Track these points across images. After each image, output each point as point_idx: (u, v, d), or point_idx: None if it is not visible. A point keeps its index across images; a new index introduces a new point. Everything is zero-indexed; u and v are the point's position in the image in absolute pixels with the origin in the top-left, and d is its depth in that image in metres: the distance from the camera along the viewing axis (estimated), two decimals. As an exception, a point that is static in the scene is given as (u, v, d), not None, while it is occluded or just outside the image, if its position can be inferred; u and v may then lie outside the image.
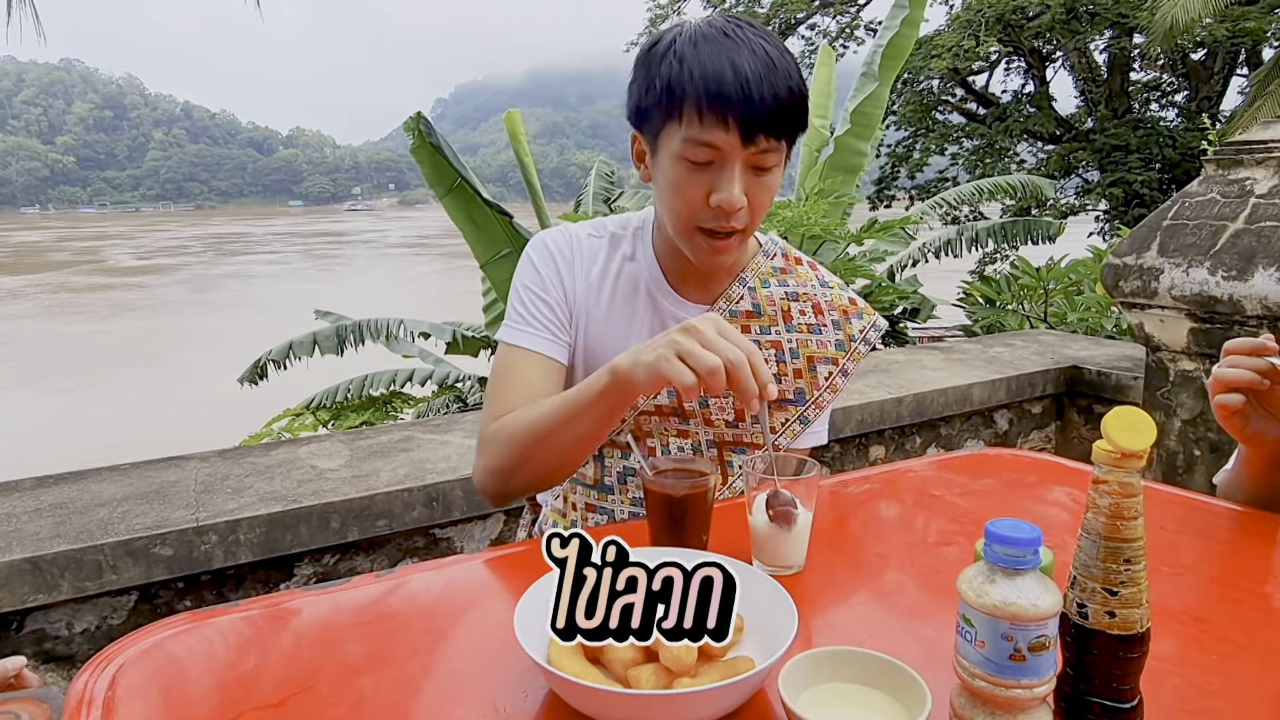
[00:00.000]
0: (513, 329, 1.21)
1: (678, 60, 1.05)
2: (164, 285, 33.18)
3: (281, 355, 4.58)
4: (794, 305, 1.26)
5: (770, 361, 1.24)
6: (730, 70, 1.02)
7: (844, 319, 1.27)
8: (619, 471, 1.28)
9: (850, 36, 17.39)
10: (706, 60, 1.03)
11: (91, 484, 1.88)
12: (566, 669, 0.69)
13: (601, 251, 1.26)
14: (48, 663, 1.62)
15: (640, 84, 1.11)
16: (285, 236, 70.83)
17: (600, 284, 1.25)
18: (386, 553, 1.94)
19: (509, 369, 1.19)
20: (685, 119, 1.04)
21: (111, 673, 0.75)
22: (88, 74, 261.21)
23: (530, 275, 1.24)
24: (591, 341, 1.24)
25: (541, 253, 1.25)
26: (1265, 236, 2.32)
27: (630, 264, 1.26)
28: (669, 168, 1.09)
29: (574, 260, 1.25)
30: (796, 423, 1.26)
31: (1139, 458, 0.66)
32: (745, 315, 1.25)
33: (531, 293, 1.22)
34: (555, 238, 1.27)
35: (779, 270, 1.28)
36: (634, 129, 1.16)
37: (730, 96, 1.01)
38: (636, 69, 1.12)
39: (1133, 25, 13.25)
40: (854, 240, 4.48)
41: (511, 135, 5.45)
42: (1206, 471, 2.53)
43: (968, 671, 0.67)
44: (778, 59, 1.04)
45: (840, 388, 1.27)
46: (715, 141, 1.04)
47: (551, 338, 1.21)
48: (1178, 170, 13.71)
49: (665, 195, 1.12)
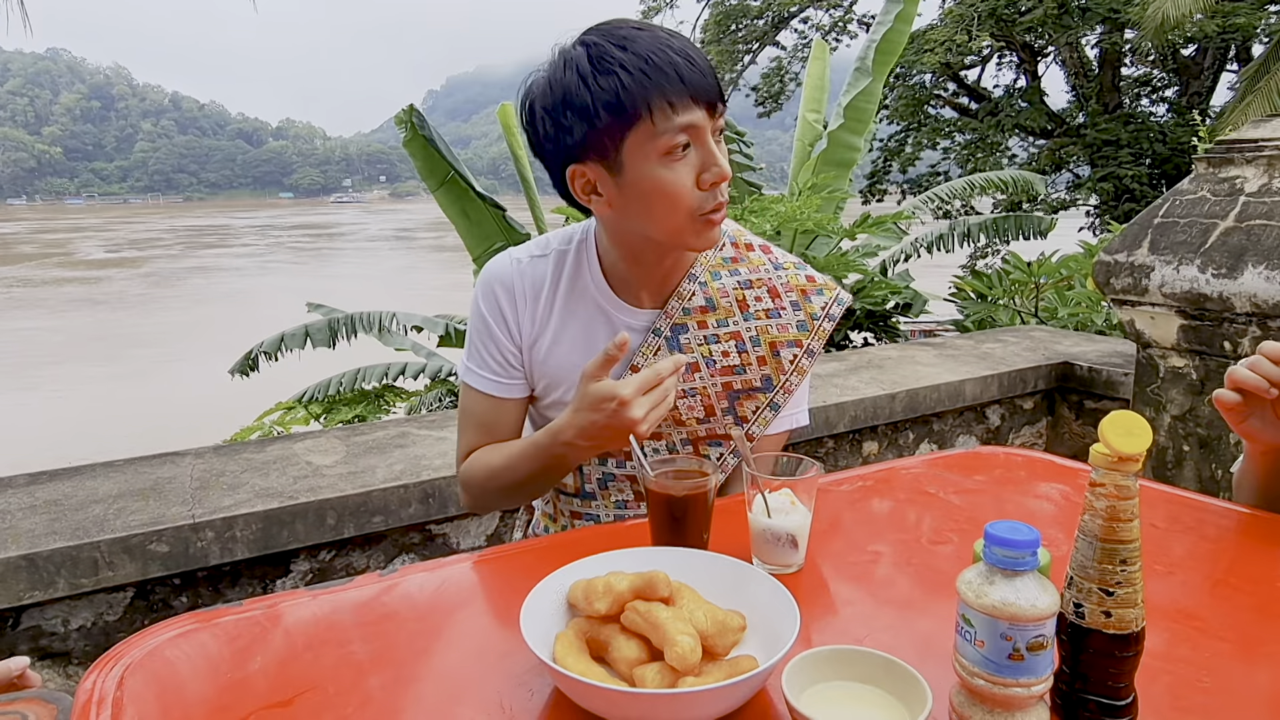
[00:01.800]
0: (466, 367, 1.28)
1: (609, 74, 1.04)
2: (125, 279, 32.52)
3: (273, 347, 4.56)
4: (748, 293, 1.26)
5: (732, 353, 1.24)
6: (670, 52, 1.05)
7: (803, 298, 1.26)
8: (599, 478, 1.30)
9: (843, 30, 17.39)
10: (646, 54, 1.04)
11: (86, 480, 1.87)
12: (572, 667, 0.70)
13: (548, 274, 1.26)
14: (44, 659, 1.62)
15: (568, 121, 1.07)
16: (263, 229, 69.63)
17: (549, 308, 1.25)
18: (383, 549, 1.94)
19: (469, 408, 1.29)
20: (656, 115, 1.04)
21: (119, 673, 0.76)
22: (75, 64, 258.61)
23: (477, 321, 1.27)
24: (550, 367, 1.25)
25: (487, 295, 1.26)
26: (1255, 235, 2.34)
27: (578, 280, 1.26)
28: (651, 173, 1.07)
29: (517, 293, 1.25)
30: (767, 409, 1.26)
31: (1135, 461, 0.67)
32: (700, 311, 1.24)
33: (480, 334, 1.26)
34: (500, 273, 1.26)
35: (729, 260, 1.28)
36: (571, 166, 1.12)
37: (685, 76, 1.04)
38: (544, 115, 1.10)
39: (1124, 20, 13.29)
40: (847, 235, 4.49)
41: (505, 128, 5.43)
42: (1196, 467, 2.56)
43: (967, 670, 0.68)
44: (679, 36, 1.10)
45: (807, 369, 1.26)
46: (693, 120, 1.06)
47: (497, 378, 1.26)
48: (1168, 166, 13.77)
49: (652, 202, 1.09)
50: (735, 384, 1.25)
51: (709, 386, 1.25)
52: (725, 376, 1.25)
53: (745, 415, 1.26)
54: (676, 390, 1.06)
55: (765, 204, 4.19)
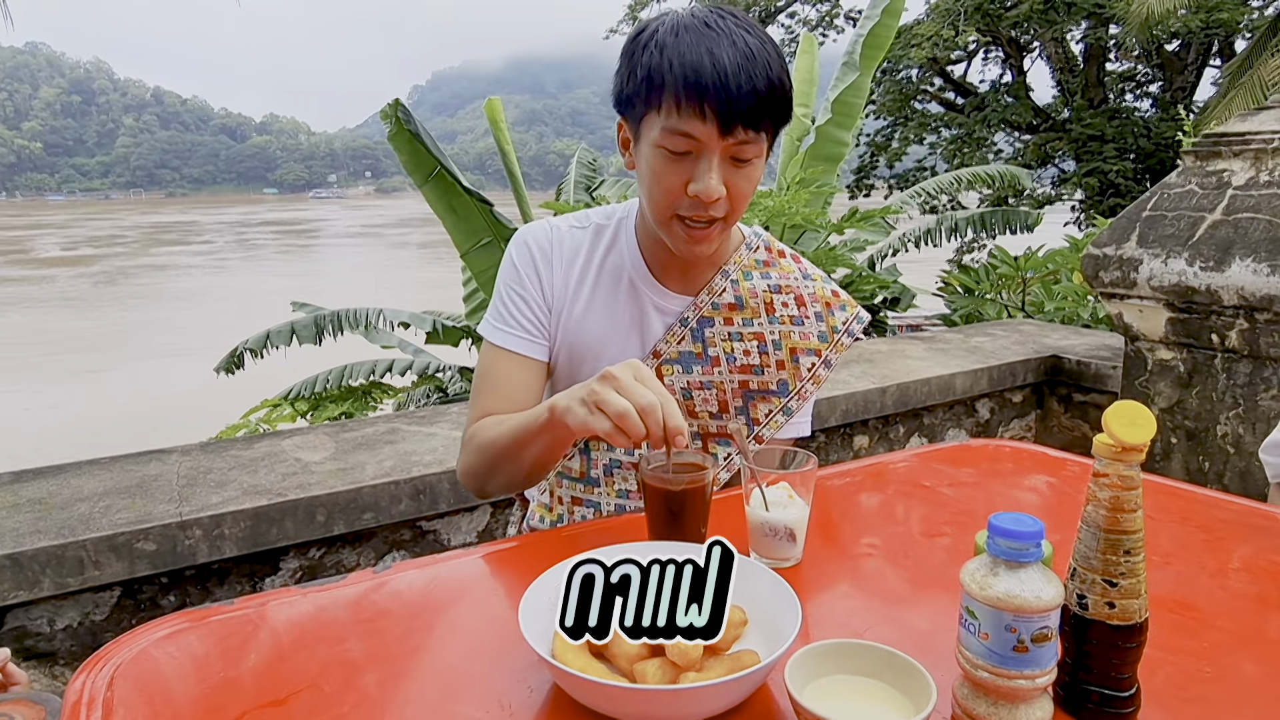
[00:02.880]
0: (492, 326, 1.24)
1: (658, 50, 1.05)
2: (71, 278, 31.35)
3: (258, 345, 4.52)
4: (776, 297, 1.27)
5: (753, 353, 1.25)
6: (708, 60, 1.01)
7: (826, 311, 1.28)
8: (605, 464, 1.29)
9: (830, 25, 17.40)
10: (685, 50, 1.02)
11: (71, 478, 1.84)
12: (572, 664, 0.69)
13: (584, 244, 1.27)
14: (29, 660, 1.60)
15: (624, 71, 1.11)
16: (233, 225, 67.60)
17: (582, 277, 1.25)
18: (373, 546, 1.92)
19: (489, 368, 1.24)
20: (664, 109, 1.04)
21: (109, 673, 0.74)
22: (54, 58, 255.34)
23: (510, 273, 1.25)
24: (573, 335, 1.25)
25: (521, 250, 1.26)
26: (1242, 228, 2.35)
27: (613, 255, 1.26)
28: (649, 156, 1.09)
29: (553, 255, 1.25)
30: (780, 414, 1.27)
31: (1139, 451, 0.67)
32: (728, 307, 1.25)
33: (512, 290, 1.24)
34: (536, 233, 1.27)
35: (761, 263, 1.29)
36: (619, 116, 1.16)
37: (707, 87, 1.00)
38: (622, 56, 1.12)
39: (1109, 15, 13.37)
40: (835, 229, 4.50)
41: (492, 123, 5.40)
42: (1184, 459, 2.57)
43: (970, 663, 0.68)
44: (758, 50, 1.04)
45: (823, 379, 1.28)
46: (693, 132, 1.03)
47: (529, 337, 1.23)
48: (1152, 160, 13.87)
49: (645, 183, 1.12)
50: (752, 384, 1.26)
51: (726, 382, 1.25)
52: (743, 375, 1.25)
53: (758, 418, 1.27)
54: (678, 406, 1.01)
55: (754, 199, 4.19)
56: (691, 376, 1.25)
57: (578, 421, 0.95)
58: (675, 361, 1.25)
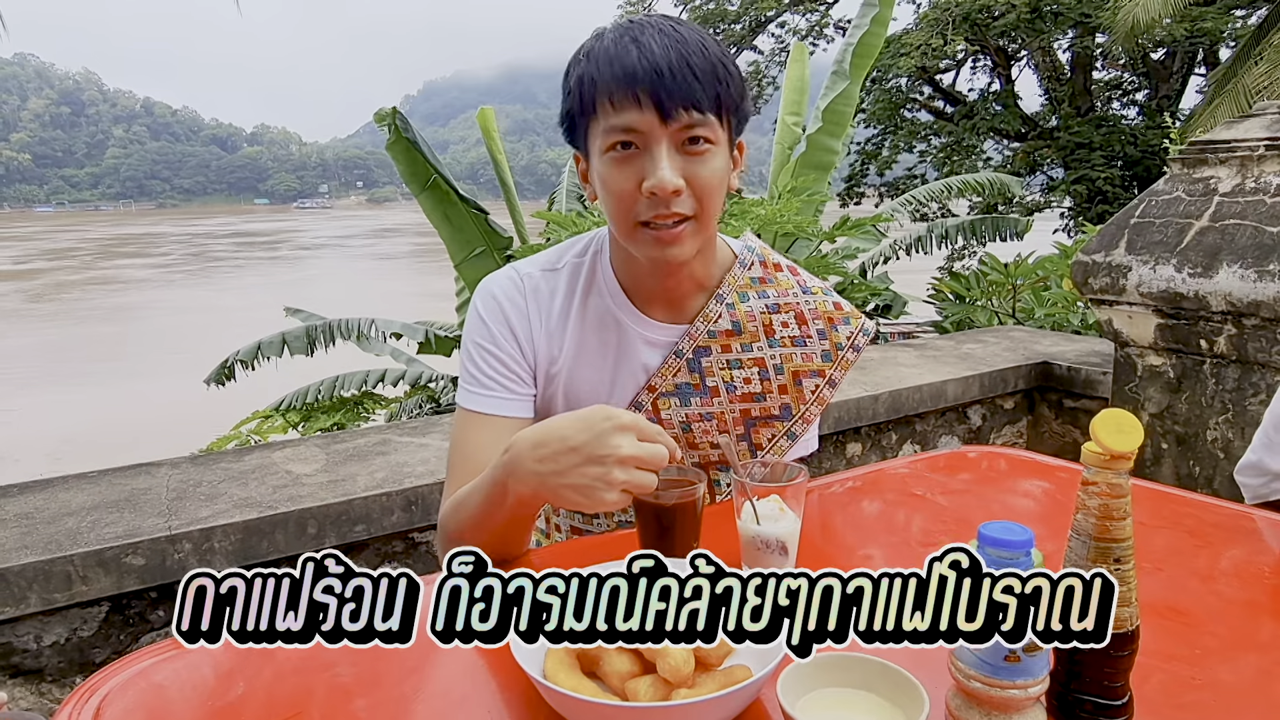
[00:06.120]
0: (465, 391, 1.16)
1: (586, 58, 1.03)
2: (5, 293, 30.23)
3: (250, 355, 4.50)
4: (775, 318, 1.20)
5: (754, 380, 1.20)
6: (634, 49, 0.98)
7: (829, 327, 1.21)
8: None
9: (819, 34, 17.51)
10: (611, 47, 1.01)
11: (59, 493, 1.83)
12: (563, 683, 0.68)
13: (560, 288, 1.19)
14: (15, 677, 1.58)
15: (563, 96, 1.08)
16: (198, 237, 65.35)
17: (564, 324, 1.18)
18: (365, 558, 1.91)
19: (463, 439, 1.15)
20: (600, 110, 1.01)
21: (96, 703, 0.73)
22: (43, 69, 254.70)
23: (478, 330, 1.17)
24: (566, 386, 1.19)
25: (489, 304, 1.18)
26: (1229, 234, 2.37)
27: (593, 296, 1.19)
28: (600, 168, 1.04)
29: (528, 307, 1.18)
30: (783, 439, 1.22)
31: (1127, 459, 0.67)
32: (725, 334, 1.19)
33: (482, 349, 1.16)
34: (503, 284, 1.19)
35: (757, 280, 1.22)
36: (573, 150, 1.12)
37: (635, 73, 0.97)
38: (562, 88, 1.09)
39: (1095, 25, 13.48)
40: (826, 238, 4.51)
41: (484, 132, 5.41)
42: (1174, 464, 2.58)
43: (963, 673, 0.67)
44: (689, 34, 1.00)
45: (828, 399, 1.22)
46: (633, 124, 0.99)
47: (507, 394, 1.15)
48: (1139, 168, 13.99)
49: (603, 197, 1.06)
50: (754, 411, 1.21)
51: (726, 412, 1.20)
52: (744, 403, 1.20)
53: (760, 443, 1.22)
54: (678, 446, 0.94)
55: (745, 207, 4.20)
56: (690, 409, 1.19)
57: (599, 508, 0.90)
58: (672, 395, 1.19)
